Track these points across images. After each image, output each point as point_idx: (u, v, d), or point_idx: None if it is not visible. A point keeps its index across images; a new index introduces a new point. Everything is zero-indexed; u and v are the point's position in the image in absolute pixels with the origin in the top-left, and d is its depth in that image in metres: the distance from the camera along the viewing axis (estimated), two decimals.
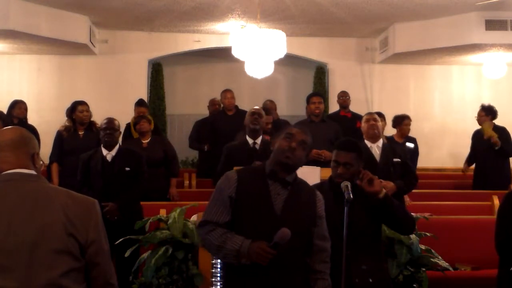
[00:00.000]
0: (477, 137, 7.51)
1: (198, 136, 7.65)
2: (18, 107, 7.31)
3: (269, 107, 7.34)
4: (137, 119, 6.57)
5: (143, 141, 6.31)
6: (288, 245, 2.58)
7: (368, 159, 4.71)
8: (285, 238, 2.55)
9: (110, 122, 5.13)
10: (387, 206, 3.15)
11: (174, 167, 6.47)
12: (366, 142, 5.07)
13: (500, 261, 3.47)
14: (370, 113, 5.31)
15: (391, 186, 4.79)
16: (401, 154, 5.07)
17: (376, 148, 5.03)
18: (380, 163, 4.93)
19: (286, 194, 2.72)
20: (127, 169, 5.05)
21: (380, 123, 5.20)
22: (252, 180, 2.74)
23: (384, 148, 5.04)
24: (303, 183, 2.85)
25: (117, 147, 5.13)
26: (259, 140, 5.23)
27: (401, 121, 7.41)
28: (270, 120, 6.68)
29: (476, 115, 7.58)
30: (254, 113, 5.32)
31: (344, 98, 7.75)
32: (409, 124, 7.37)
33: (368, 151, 4.92)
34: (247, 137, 5.29)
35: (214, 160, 6.38)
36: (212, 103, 8.12)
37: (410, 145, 7.32)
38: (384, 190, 3.15)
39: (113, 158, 5.06)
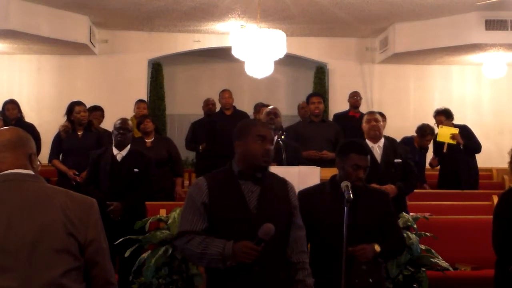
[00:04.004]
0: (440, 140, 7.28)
1: (193, 137, 7.61)
2: (7, 108, 7.11)
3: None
4: (141, 118, 6.48)
5: (147, 141, 6.25)
6: (270, 240, 2.56)
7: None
8: (269, 234, 2.53)
9: (124, 122, 5.12)
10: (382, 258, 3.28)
11: (178, 166, 6.46)
12: (368, 142, 5.02)
13: (497, 260, 3.44)
14: (371, 113, 5.17)
15: (392, 189, 4.78)
16: (402, 154, 5.04)
17: (377, 148, 4.96)
18: (381, 163, 4.90)
19: (259, 191, 2.69)
20: (136, 170, 5.01)
21: (381, 123, 5.11)
22: (223, 183, 2.71)
23: (385, 148, 4.98)
24: (272, 175, 2.82)
25: (128, 147, 5.09)
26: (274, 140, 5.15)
27: (425, 135, 7.45)
28: None
29: (435, 121, 7.42)
30: (270, 113, 5.24)
31: (356, 98, 7.80)
32: (431, 140, 7.43)
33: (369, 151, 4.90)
34: None
35: (211, 160, 6.36)
36: (207, 103, 8.03)
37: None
38: (376, 250, 3.14)
39: (123, 158, 5.04)
